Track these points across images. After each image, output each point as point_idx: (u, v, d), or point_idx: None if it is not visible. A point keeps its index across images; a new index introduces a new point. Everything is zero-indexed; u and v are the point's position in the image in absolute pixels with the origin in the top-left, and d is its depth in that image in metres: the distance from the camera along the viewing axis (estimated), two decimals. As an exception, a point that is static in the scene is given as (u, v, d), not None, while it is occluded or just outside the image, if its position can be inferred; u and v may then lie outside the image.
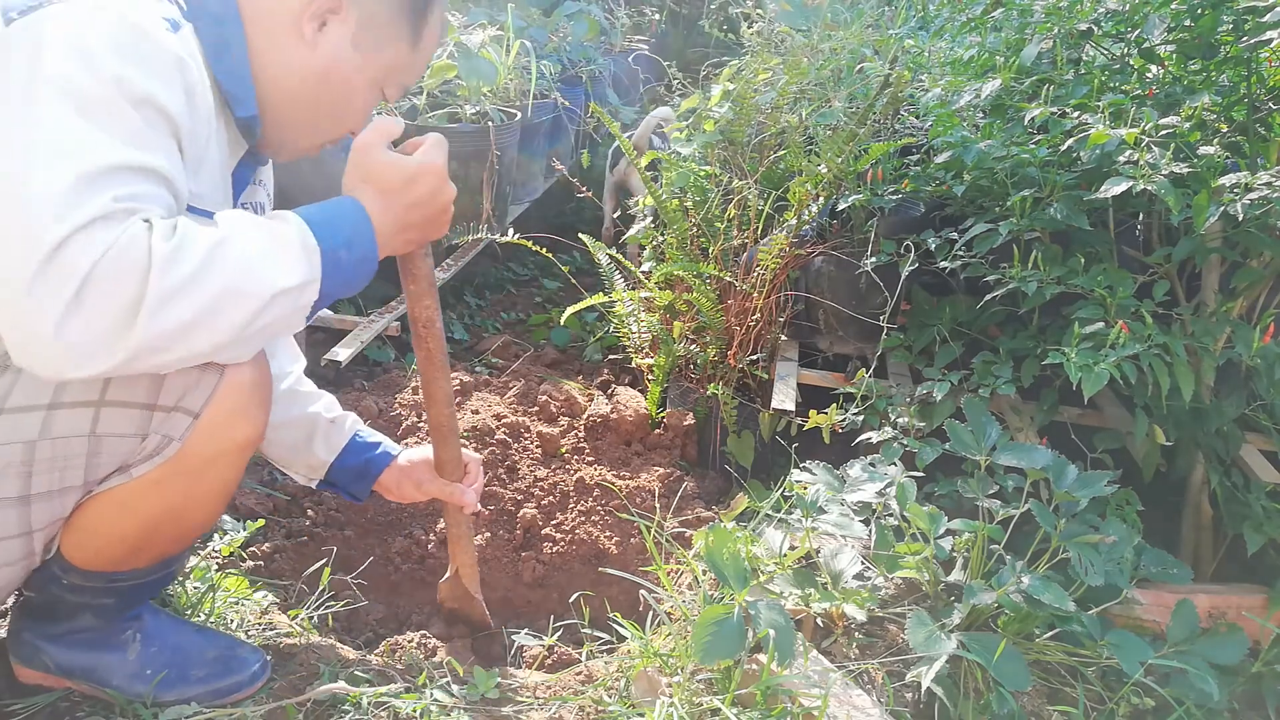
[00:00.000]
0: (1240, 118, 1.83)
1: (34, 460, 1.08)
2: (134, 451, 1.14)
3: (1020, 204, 1.94)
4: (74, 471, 1.12)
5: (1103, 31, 1.97)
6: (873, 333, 2.32)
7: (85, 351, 0.90)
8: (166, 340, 0.93)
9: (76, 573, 1.23)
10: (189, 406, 1.12)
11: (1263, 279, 1.87)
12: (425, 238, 1.24)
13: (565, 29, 4.19)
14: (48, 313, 0.87)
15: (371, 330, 2.55)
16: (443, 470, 1.56)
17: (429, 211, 1.19)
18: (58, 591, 1.25)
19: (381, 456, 1.59)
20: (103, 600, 1.28)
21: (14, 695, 1.31)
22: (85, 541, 1.20)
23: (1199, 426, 1.91)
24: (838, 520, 1.62)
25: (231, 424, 1.15)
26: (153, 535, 1.23)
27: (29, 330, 0.88)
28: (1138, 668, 1.42)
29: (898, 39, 2.71)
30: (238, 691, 1.34)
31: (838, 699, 1.36)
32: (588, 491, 2.14)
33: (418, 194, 1.17)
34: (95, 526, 1.19)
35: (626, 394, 2.50)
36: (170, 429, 1.13)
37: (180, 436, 1.13)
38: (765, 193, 2.55)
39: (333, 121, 1.26)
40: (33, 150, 0.89)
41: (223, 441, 1.16)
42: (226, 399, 1.13)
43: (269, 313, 1.00)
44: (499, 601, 1.98)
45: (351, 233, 1.10)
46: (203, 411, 1.13)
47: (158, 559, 1.28)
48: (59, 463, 1.10)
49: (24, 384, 1.06)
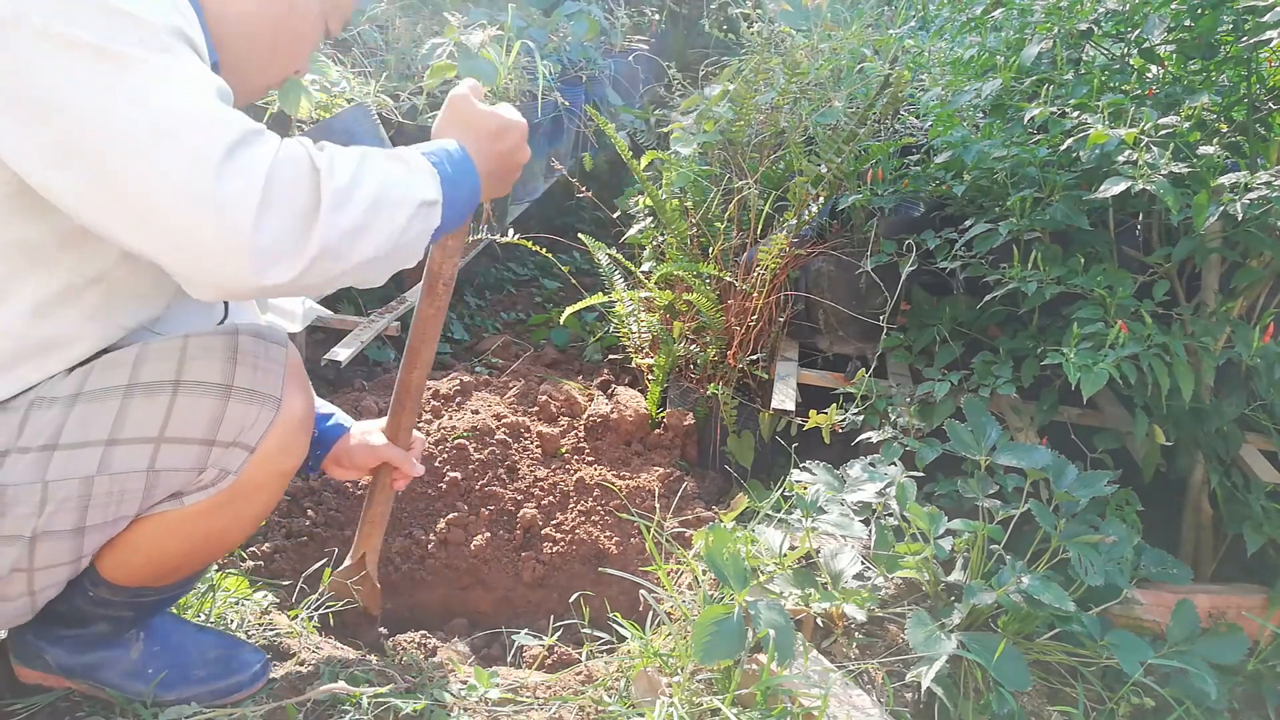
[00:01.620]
0: (1240, 118, 1.83)
1: (91, 495, 1.09)
2: (189, 483, 1.15)
3: (1020, 204, 1.94)
4: (129, 505, 1.13)
5: (1103, 31, 1.97)
6: (873, 333, 2.32)
7: (279, 252, 0.91)
8: (342, 242, 0.96)
9: (107, 587, 1.23)
10: (246, 442, 1.14)
11: (1263, 279, 1.87)
12: (500, 189, 1.31)
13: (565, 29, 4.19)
14: (241, 218, 0.88)
15: (371, 330, 2.55)
16: (397, 438, 1.54)
17: (510, 164, 1.28)
18: (80, 602, 1.24)
19: (335, 428, 1.55)
20: (123, 613, 1.28)
21: (14, 695, 1.31)
22: (126, 559, 1.20)
23: (1199, 426, 1.91)
24: (838, 520, 1.62)
25: (280, 456, 1.19)
26: (191, 556, 1.25)
27: (226, 242, 0.88)
28: (1138, 668, 1.42)
29: (898, 39, 2.71)
30: (238, 691, 1.34)
31: (838, 699, 1.36)
32: (588, 491, 2.14)
33: (506, 145, 1.26)
34: (139, 546, 1.19)
35: (626, 394, 2.50)
36: (228, 463, 1.15)
37: (236, 470, 1.15)
38: (765, 193, 2.55)
39: (288, 58, 1.25)
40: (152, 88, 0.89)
41: (271, 472, 1.19)
42: (280, 433, 1.17)
43: (414, 225, 1.05)
44: (499, 601, 1.98)
45: (459, 166, 1.17)
46: (258, 446, 1.15)
47: (189, 576, 1.30)
48: (115, 496, 1.10)
49: (78, 419, 1.07)
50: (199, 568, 1.30)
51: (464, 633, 1.90)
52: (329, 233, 0.94)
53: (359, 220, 0.97)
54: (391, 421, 1.54)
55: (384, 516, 1.63)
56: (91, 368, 1.10)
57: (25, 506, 1.06)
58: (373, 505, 1.61)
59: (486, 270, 3.80)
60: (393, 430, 1.54)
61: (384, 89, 3.05)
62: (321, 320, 2.57)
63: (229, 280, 0.91)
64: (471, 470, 2.14)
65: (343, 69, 3.06)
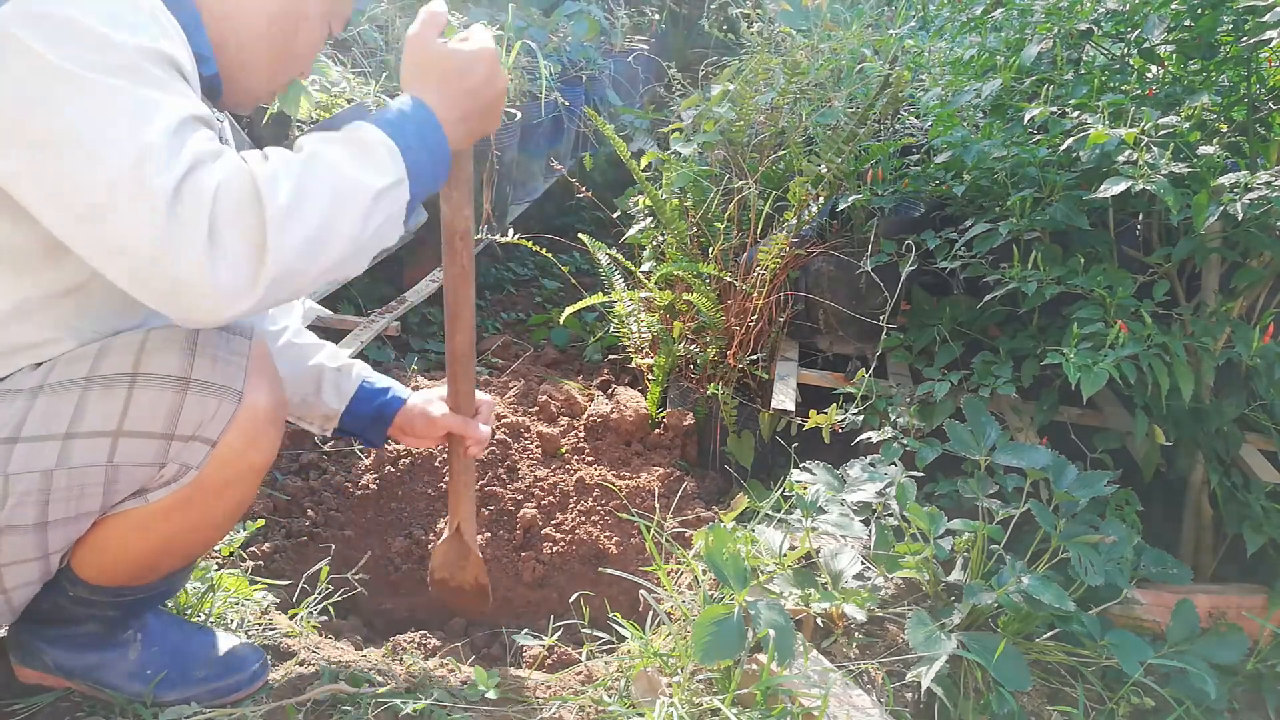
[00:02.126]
0: (1240, 118, 1.83)
1: (51, 489, 1.08)
2: (151, 478, 1.13)
3: (1020, 204, 1.94)
4: (90, 500, 1.12)
5: (1103, 31, 1.97)
6: (873, 333, 2.32)
7: (236, 285, 0.92)
8: (299, 258, 0.95)
9: (84, 586, 1.22)
10: (207, 435, 1.12)
11: (1263, 279, 1.87)
12: (482, 129, 1.23)
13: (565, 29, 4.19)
14: (190, 259, 0.89)
15: (371, 330, 2.55)
16: (457, 405, 1.50)
17: (486, 99, 1.19)
18: (63, 602, 1.24)
19: (393, 400, 1.53)
20: (107, 612, 1.28)
21: (14, 695, 1.31)
22: (96, 559, 1.20)
23: (1199, 426, 1.91)
24: (838, 520, 1.62)
25: (246, 450, 1.16)
26: (164, 555, 1.23)
27: (179, 281, 0.90)
28: (1138, 668, 1.42)
29: (898, 39, 2.71)
30: (238, 691, 1.34)
31: (838, 699, 1.36)
32: (588, 491, 2.14)
33: (474, 81, 1.17)
34: (107, 545, 1.18)
35: (626, 394, 2.50)
36: (188, 458, 1.13)
37: (198, 465, 1.14)
38: (765, 193, 2.55)
39: (292, 60, 1.25)
40: (105, 122, 0.90)
41: (238, 467, 1.17)
42: (243, 427, 1.14)
43: (375, 215, 1.02)
44: (499, 601, 1.98)
45: (420, 128, 1.11)
46: (220, 440, 1.13)
47: (165, 575, 1.29)
48: (75, 491, 1.09)
49: (39, 412, 1.06)
50: (178, 566, 1.29)
51: (464, 633, 1.90)
52: (282, 255, 0.93)
53: (312, 233, 0.96)
54: (450, 390, 1.51)
55: (468, 485, 1.60)
56: (56, 361, 1.09)
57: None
58: (453, 476, 1.59)
59: (487, 270, 3.81)
60: (452, 399, 1.51)
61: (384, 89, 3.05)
62: (321, 320, 2.57)
63: (205, 315, 0.93)
64: (471, 470, 2.15)
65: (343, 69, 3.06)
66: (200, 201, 0.89)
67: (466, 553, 1.64)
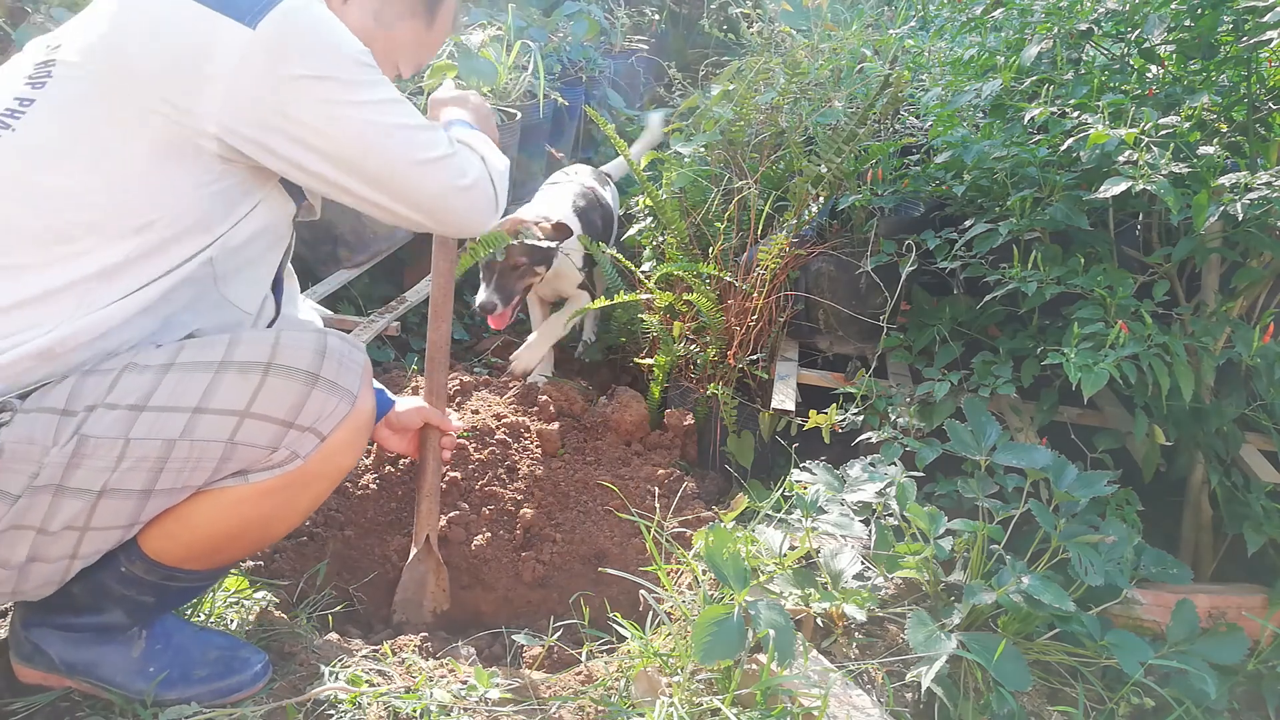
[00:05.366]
0: (1240, 118, 1.83)
1: (170, 457, 1.13)
2: (258, 460, 1.20)
3: (1020, 204, 1.94)
4: (200, 473, 1.17)
5: (1103, 31, 1.97)
6: (873, 333, 2.32)
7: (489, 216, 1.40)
8: (502, 197, 1.42)
9: (143, 563, 1.24)
10: (320, 429, 1.23)
11: (1263, 279, 1.87)
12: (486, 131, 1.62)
13: (565, 29, 4.19)
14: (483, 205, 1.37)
15: (371, 330, 2.55)
16: (431, 398, 1.68)
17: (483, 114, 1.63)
18: (108, 579, 1.25)
19: (385, 401, 1.67)
20: (145, 597, 1.28)
21: (14, 695, 1.31)
22: (174, 532, 1.22)
23: (1199, 426, 1.91)
24: (838, 520, 1.62)
25: (344, 450, 1.28)
26: (237, 539, 1.27)
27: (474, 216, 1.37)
28: (1138, 668, 1.42)
29: (898, 39, 2.72)
30: (239, 691, 1.34)
31: (838, 699, 1.36)
32: (588, 491, 2.14)
33: (493, 123, 1.63)
34: (191, 519, 1.22)
35: (626, 394, 2.49)
36: (299, 447, 1.21)
37: (305, 455, 1.22)
38: (765, 193, 2.55)
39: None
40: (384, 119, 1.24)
41: (334, 464, 1.28)
42: (349, 428, 1.26)
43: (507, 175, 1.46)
44: (499, 601, 1.98)
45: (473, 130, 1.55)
46: (329, 435, 1.24)
47: (219, 565, 1.32)
48: (191, 463, 1.15)
49: (169, 387, 1.12)
50: (236, 555, 1.33)
51: (464, 633, 1.89)
52: (501, 198, 1.41)
53: (504, 187, 1.44)
54: (427, 383, 1.66)
55: (435, 489, 1.71)
56: (184, 344, 1.18)
57: (102, 460, 1.10)
58: (423, 479, 1.69)
59: (486, 270, 3.80)
60: (428, 391, 1.65)
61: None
62: (322, 320, 2.57)
63: (476, 229, 1.41)
64: (471, 470, 2.14)
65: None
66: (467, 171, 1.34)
67: (438, 566, 1.68)
